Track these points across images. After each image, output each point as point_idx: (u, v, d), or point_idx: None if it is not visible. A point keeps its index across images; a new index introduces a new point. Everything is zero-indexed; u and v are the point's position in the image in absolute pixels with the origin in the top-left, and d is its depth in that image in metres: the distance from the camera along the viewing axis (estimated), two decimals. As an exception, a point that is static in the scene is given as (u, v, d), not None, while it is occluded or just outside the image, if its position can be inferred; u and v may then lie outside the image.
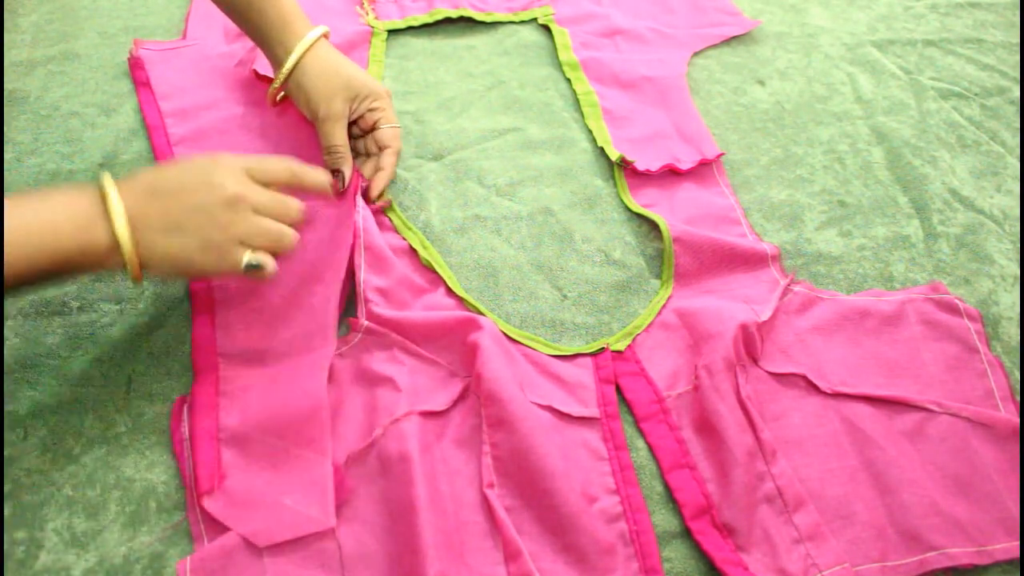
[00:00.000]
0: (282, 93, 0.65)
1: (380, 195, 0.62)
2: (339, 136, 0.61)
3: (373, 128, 0.63)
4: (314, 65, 0.61)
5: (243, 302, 0.56)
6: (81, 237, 0.44)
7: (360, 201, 0.59)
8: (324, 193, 0.54)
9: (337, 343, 0.54)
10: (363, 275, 0.56)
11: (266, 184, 0.50)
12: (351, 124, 0.63)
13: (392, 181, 0.66)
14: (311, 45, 0.61)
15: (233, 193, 0.47)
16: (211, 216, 0.47)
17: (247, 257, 0.48)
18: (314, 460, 0.48)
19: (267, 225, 0.49)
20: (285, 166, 0.52)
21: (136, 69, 0.73)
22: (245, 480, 0.47)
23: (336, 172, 0.61)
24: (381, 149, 0.63)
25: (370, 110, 0.63)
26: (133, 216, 0.46)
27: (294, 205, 0.51)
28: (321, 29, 0.62)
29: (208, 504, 0.46)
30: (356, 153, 0.65)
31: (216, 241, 0.47)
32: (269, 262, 0.49)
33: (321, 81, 0.60)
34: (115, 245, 0.45)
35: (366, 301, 0.55)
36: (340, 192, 0.60)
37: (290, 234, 0.50)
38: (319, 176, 0.53)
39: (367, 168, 0.64)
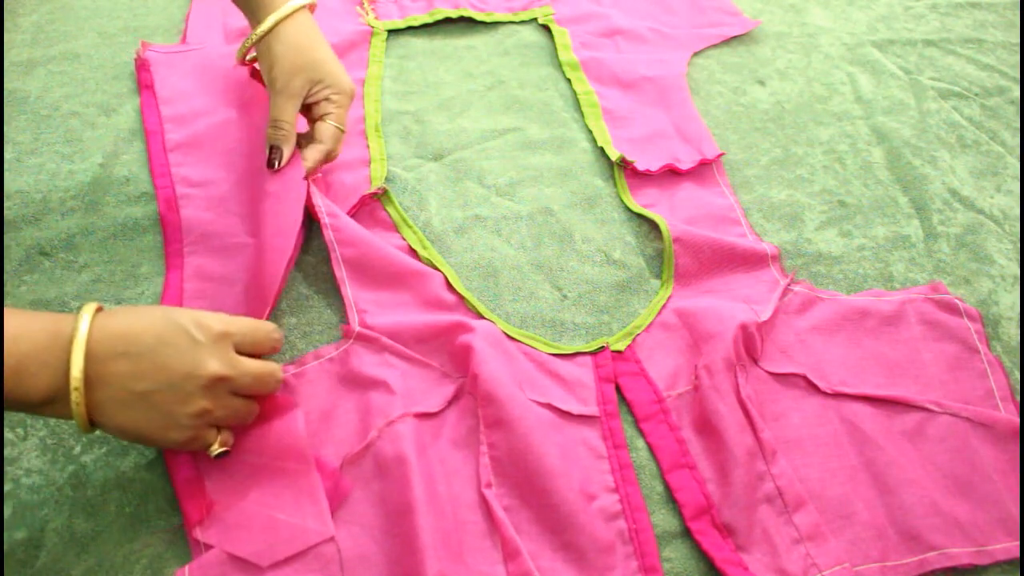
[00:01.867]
0: (253, 53, 0.62)
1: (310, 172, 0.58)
2: (289, 112, 0.57)
3: (319, 119, 0.59)
4: (289, 34, 0.58)
5: None
6: (12, 381, 0.39)
7: (324, 211, 0.58)
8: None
9: (328, 348, 0.54)
10: (349, 291, 0.57)
11: (249, 354, 0.46)
12: (305, 109, 0.60)
13: (391, 180, 0.66)
14: (293, 11, 0.58)
15: (216, 375, 0.42)
16: (186, 399, 0.42)
17: (218, 449, 0.45)
18: (298, 470, 0.47)
19: (240, 406, 0.45)
20: (273, 339, 0.47)
21: (142, 71, 0.73)
22: (234, 502, 0.47)
23: (274, 149, 0.57)
24: (313, 142, 0.59)
25: (326, 99, 0.59)
26: (93, 375, 0.40)
27: (275, 379, 0.46)
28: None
29: (201, 534, 0.46)
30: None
31: (185, 424, 0.43)
32: (231, 440, 0.46)
33: (290, 52, 0.57)
34: (55, 397, 0.40)
35: (360, 312, 0.55)
36: (275, 170, 0.57)
37: (255, 409, 0.47)
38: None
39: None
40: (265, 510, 0.46)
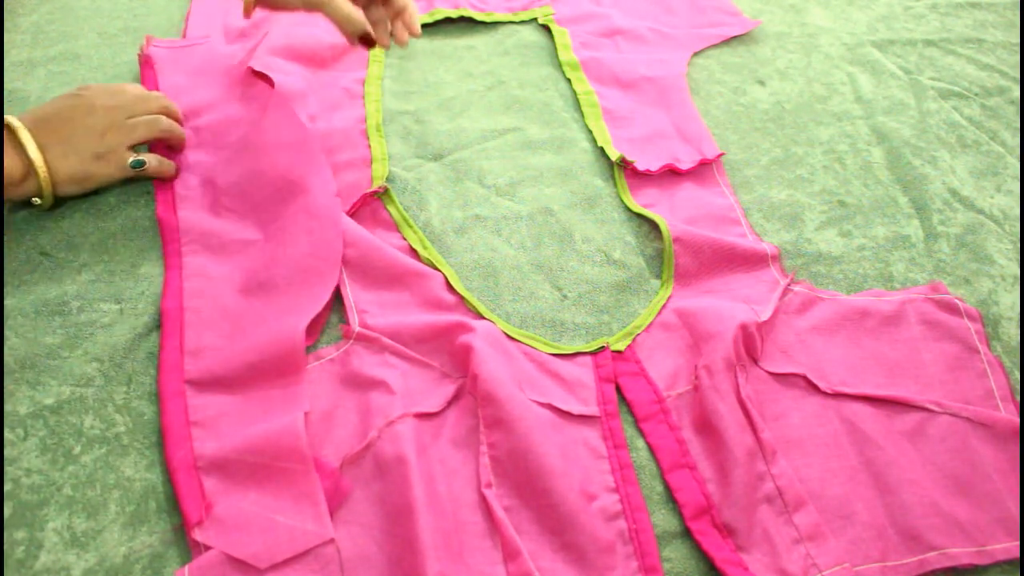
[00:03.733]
0: None
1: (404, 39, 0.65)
2: (347, 5, 0.61)
3: None
4: None
5: (215, 324, 0.54)
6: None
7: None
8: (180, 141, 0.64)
9: (328, 349, 0.54)
10: (349, 292, 0.57)
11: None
12: None
13: (391, 180, 0.66)
14: None
15: (110, 107, 0.58)
16: (97, 132, 0.57)
17: (131, 158, 0.59)
18: (298, 472, 0.47)
19: (143, 121, 0.60)
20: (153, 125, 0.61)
21: (145, 68, 0.73)
22: (233, 504, 0.46)
23: (365, 37, 0.62)
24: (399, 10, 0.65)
25: None
26: (40, 147, 0.55)
27: (165, 103, 0.63)
28: None
29: (200, 535, 0.45)
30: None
31: (105, 149, 0.58)
32: (151, 159, 0.61)
33: None
34: (28, 171, 0.55)
35: (360, 312, 0.55)
36: (371, 45, 0.62)
37: (164, 121, 0.61)
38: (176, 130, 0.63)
39: (384, 32, 0.65)
40: (264, 512, 0.46)
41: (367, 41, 0.62)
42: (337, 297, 0.58)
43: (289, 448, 0.48)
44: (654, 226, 0.64)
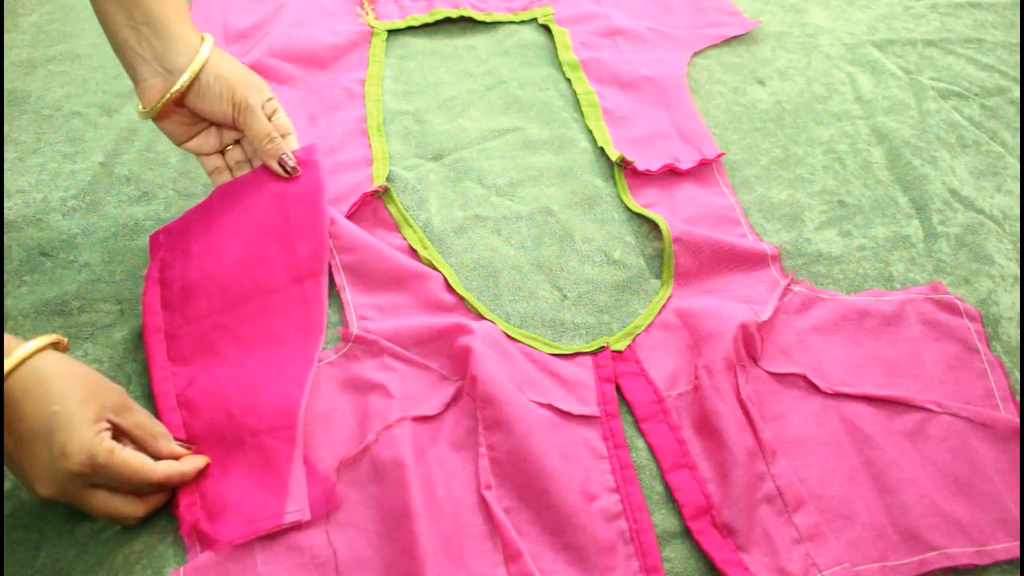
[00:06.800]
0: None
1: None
2: (269, 124, 0.57)
3: (271, 117, 0.59)
4: (221, 63, 0.56)
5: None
6: None
7: (326, 218, 0.58)
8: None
9: (327, 352, 0.54)
10: (349, 296, 0.57)
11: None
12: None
13: (392, 180, 0.66)
14: (209, 52, 0.55)
15: (49, 496, 0.43)
16: (59, 483, 0.43)
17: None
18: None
19: (107, 504, 0.45)
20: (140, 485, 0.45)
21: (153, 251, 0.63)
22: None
23: (285, 158, 0.57)
24: (283, 136, 0.59)
25: (268, 99, 0.59)
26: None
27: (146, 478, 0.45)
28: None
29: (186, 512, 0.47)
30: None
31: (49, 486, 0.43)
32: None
33: (237, 75, 0.56)
34: None
35: (359, 316, 0.56)
36: (291, 176, 0.57)
37: (133, 510, 0.46)
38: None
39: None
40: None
41: (286, 166, 0.58)
42: (336, 300, 0.58)
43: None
44: (654, 226, 0.64)
